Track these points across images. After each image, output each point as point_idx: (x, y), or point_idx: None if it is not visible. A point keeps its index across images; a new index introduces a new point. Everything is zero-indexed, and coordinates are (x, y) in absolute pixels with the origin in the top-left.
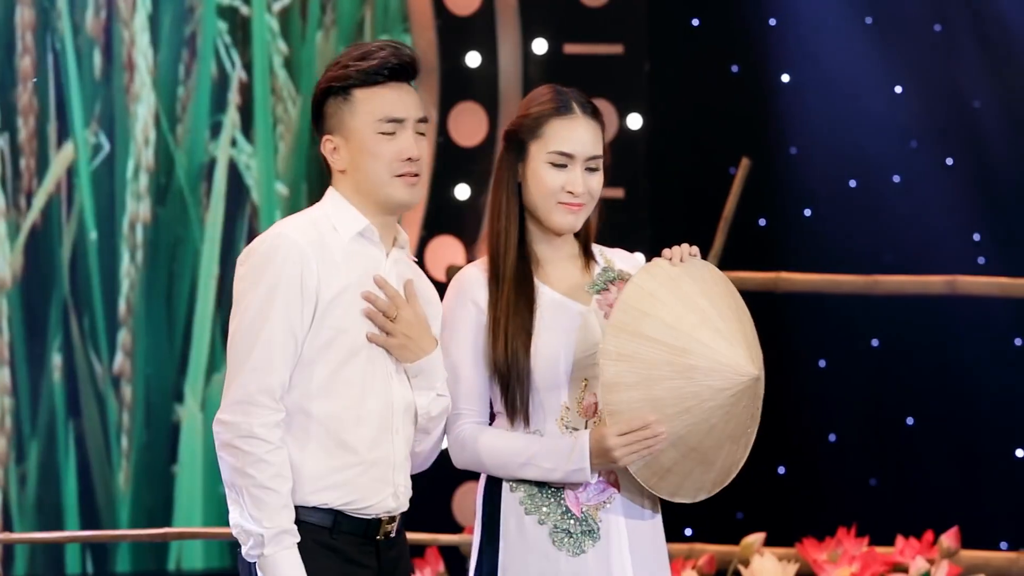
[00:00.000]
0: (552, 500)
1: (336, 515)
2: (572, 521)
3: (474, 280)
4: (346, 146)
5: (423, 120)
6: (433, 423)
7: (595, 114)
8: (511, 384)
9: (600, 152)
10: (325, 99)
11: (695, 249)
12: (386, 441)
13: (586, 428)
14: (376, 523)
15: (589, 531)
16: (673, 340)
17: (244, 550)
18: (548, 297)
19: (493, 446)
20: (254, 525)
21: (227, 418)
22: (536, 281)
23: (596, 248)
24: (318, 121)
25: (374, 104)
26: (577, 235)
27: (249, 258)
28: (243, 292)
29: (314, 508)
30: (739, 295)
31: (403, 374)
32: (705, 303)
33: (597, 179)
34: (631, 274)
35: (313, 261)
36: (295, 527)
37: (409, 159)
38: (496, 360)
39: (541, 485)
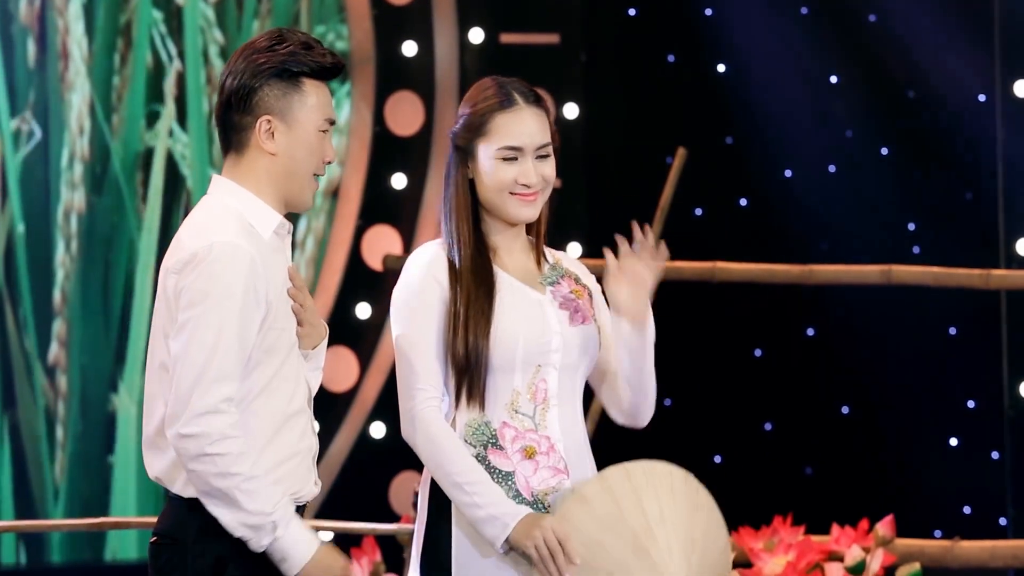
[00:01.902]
0: (503, 484)
1: None
2: (522, 505)
3: (436, 257)
4: (287, 133)
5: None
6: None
7: (539, 102)
8: (471, 371)
9: (548, 139)
10: (268, 79)
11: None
12: (309, 429)
13: (534, 416)
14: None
15: None
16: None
17: (254, 543)
18: (506, 281)
19: (443, 448)
20: (259, 517)
21: (193, 431)
22: (494, 267)
23: (545, 249)
24: (248, 99)
25: (322, 100)
26: (529, 230)
27: (195, 267)
28: (192, 302)
29: None
30: (701, 495)
31: (303, 361)
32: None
33: (549, 165)
34: (577, 272)
35: (260, 267)
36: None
37: (328, 163)
38: (456, 352)
39: (492, 470)
